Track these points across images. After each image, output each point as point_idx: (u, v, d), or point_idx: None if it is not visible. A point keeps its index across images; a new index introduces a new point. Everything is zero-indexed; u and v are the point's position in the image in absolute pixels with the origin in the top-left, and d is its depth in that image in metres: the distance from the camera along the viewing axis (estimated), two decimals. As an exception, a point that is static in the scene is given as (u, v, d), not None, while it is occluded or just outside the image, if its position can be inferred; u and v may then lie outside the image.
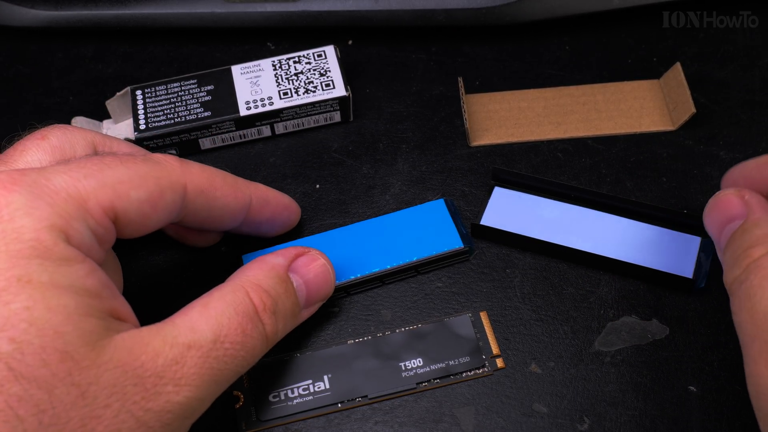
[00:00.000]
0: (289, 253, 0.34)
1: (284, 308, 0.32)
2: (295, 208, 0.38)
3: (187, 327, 0.29)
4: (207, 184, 0.32)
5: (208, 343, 0.28)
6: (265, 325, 0.31)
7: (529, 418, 0.33)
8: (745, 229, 0.31)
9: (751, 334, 0.28)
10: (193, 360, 0.28)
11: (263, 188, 0.36)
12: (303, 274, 0.33)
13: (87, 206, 0.28)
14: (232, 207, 0.34)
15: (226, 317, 0.29)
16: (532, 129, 0.42)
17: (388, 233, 0.38)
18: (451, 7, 0.44)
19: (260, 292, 0.31)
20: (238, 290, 0.30)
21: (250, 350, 0.30)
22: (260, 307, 0.31)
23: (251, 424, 0.33)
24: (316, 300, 0.34)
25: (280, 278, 0.32)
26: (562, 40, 0.47)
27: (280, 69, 0.42)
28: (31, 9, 0.46)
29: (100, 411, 0.26)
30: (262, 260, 0.33)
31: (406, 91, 0.45)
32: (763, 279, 0.29)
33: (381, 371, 0.34)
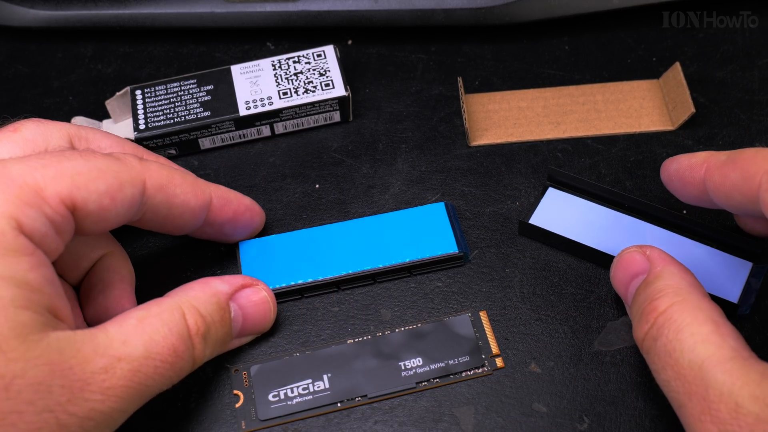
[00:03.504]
0: (235, 281, 0.34)
1: (216, 335, 0.32)
2: (257, 210, 0.38)
3: (120, 339, 0.29)
4: (166, 180, 0.32)
5: (139, 358, 0.29)
6: (195, 348, 0.31)
7: (528, 417, 0.33)
8: (648, 283, 0.31)
9: (684, 392, 0.28)
10: (123, 372, 0.28)
11: (224, 189, 0.36)
12: (243, 306, 0.34)
13: (43, 194, 0.28)
14: (192, 205, 0.34)
15: (160, 335, 0.30)
16: (531, 129, 0.42)
17: (385, 232, 0.38)
18: (451, 6, 0.44)
19: (196, 316, 0.31)
20: (175, 310, 0.31)
21: (178, 370, 0.30)
22: (193, 330, 0.31)
23: (251, 424, 0.33)
24: (250, 332, 0.35)
25: (219, 305, 0.32)
26: (562, 40, 0.47)
27: (280, 69, 0.42)
28: (31, 9, 0.46)
29: (23, 407, 0.25)
30: (207, 283, 0.33)
31: (405, 90, 0.45)
32: (677, 332, 0.28)
33: (380, 371, 0.34)
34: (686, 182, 0.34)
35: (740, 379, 0.26)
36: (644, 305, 0.30)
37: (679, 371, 0.28)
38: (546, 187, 0.39)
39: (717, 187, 0.32)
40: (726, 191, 0.31)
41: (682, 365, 0.28)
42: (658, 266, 0.32)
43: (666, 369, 0.29)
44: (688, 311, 0.29)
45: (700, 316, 0.29)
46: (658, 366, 0.29)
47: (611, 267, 0.34)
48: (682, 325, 0.29)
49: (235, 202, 0.36)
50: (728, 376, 0.27)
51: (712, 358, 0.27)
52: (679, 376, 0.28)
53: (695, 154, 0.34)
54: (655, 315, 0.30)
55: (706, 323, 0.28)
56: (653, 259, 0.32)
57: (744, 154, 0.31)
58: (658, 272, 0.31)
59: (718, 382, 0.26)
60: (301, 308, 0.36)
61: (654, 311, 0.30)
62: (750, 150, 0.31)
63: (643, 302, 0.31)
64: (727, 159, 0.31)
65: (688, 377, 0.27)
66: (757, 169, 0.30)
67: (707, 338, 0.28)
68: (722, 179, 0.31)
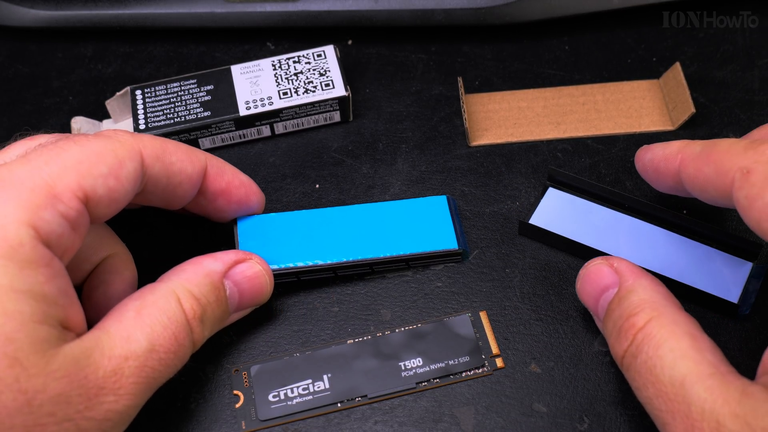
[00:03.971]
0: (228, 258, 0.34)
1: (212, 316, 0.32)
2: (254, 189, 0.37)
3: (122, 336, 0.29)
4: (161, 149, 0.32)
5: (144, 353, 0.29)
6: (194, 333, 0.31)
7: (528, 417, 0.33)
8: (621, 297, 0.31)
9: (667, 410, 0.27)
10: (131, 370, 0.28)
11: (220, 160, 0.36)
12: (238, 282, 0.34)
13: (55, 192, 0.28)
14: (189, 171, 0.33)
15: (160, 326, 0.30)
16: (531, 129, 0.42)
17: (386, 221, 0.38)
18: (451, 6, 0.44)
19: (191, 300, 0.31)
20: (170, 296, 0.31)
21: (181, 357, 0.31)
22: (190, 315, 0.31)
23: (251, 424, 0.33)
24: (248, 306, 0.35)
25: (213, 285, 0.32)
26: (562, 40, 0.47)
27: (280, 69, 0.42)
28: (31, 9, 0.46)
29: (45, 419, 0.26)
30: (199, 263, 0.33)
31: (405, 90, 0.45)
32: (656, 348, 0.28)
33: (380, 371, 0.34)
34: (661, 173, 0.34)
35: (721, 396, 0.26)
36: (621, 322, 0.30)
37: (660, 388, 0.28)
38: (546, 187, 0.39)
39: (691, 179, 0.31)
40: (700, 184, 0.31)
41: (663, 382, 0.28)
42: (628, 279, 0.31)
43: (647, 386, 0.28)
44: (666, 326, 0.29)
45: (678, 330, 0.28)
46: (639, 383, 0.29)
47: (577, 280, 0.34)
48: (660, 340, 0.28)
49: (230, 175, 0.36)
50: (709, 393, 0.26)
51: (692, 374, 0.27)
52: (660, 393, 0.28)
53: (669, 144, 0.33)
54: (634, 332, 0.29)
55: (684, 338, 0.28)
56: (622, 272, 0.32)
57: (718, 147, 0.30)
58: (630, 286, 0.31)
59: (699, 400, 0.26)
60: (302, 308, 0.36)
61: (632, 328, 0.29)
62: (724, 143, 0.30)
63: (618, 318, 0.30)
64: (701, 151, 0.31)
65: (669, 394, 0.27)
66: (730, 165, 0.29)
67: (686, 353, 0.28)
68: (696, 172, 0.31)
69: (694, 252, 0.36)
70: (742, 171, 0.29)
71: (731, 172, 0.29)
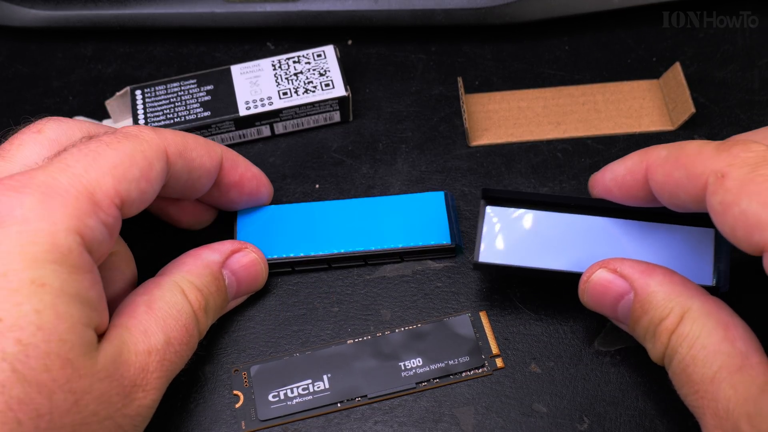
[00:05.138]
0: (225, 248, 0.35)
1: (214, 305, 0.34)
2: (264, 181, 0.38)
3: (141, 331, 0.30)
4: (182, 145, 0.33)
5: (162, 346, 0.30)
6: (200, 323, 0.32)
7: (528, 417, 0.33)
8: (642, 303, 0.30)
9: (700, 406, 0.28)
10: (154, 365, 0.30)
11: (233, 152, 0.36)
12: (235, 271, 0.35)
13: (96, 200, 0.28)
14: (208, 166, 0.34)
15: (172, 319, 0.31)
16: (531, 129, 0.42)
17: (382, 215, 0.38)
18: (451, 6, 0.44)
19: (195, 291, 0.32)
20: (175, 290, 0.32)
21: (192, 347, 0.32)
22: (196, 306, 0.32)
23: (251, 424, 0.33)
24: (245, 293, 0.36)
25: (213, 276, 0.34)
26: (562, 40, 0.47)
27: (280, 69, 0.42)
28: (31, 9, 0.46)
29: (90, 418, 0.27)
30: (198, 256, 0.34)
31: (405, 90, 0.45)
32: (690, 348, 0.28)
33: (380, 371, 0.34)
34: (627, 188, 0.32)
35: (743, 394, 0.26)
36: (653, 328, 0.30)
37: (693, 387, 0.28)
38: (483, 207, 0.35)
39: (660, 186, 0.30)
40: (670, 190, 0.30)
41: (695, 380, 0.28)
42: (640, 281, 0.30)
43: (683, 385, 0.29)
44: (697, 321, 0.28)
45: (709, 323, 0.28)
46: (677, 383, 0.29)
47: (582, 293, 0.32)
48: (693, 338, 0.28)
49: (243, 167, 0.36)
50: (734, 391, 0.26)
51: (722, 370, 0.27)
52: (693, 391, 0.28)
53: (627, 158, 0.32)
54: (668, 335, 0.29)
55: (716, 330, 0.28)
56: (629, 275, 0.31)
57: (687, 150, 0.29)
58: (646, 288, 0.30)
59: (725, 398, 0.26)
60: (301, 308, 0.36)
61: (665, 331, 0.29)
62: (692, 145, 0.29)
63: (650, 325, 0.30)
64: (668, 155, 0.30)
65: (701, 392, 0.27)
66: (702, 168, 0.28)
67: (718, 348, 0.27)
68: (665, 178, 0.30)
69: (655, 235, 0.34)
70: (716, 175, 0.27)
71: (704, 175, 0.28)
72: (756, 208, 0.26)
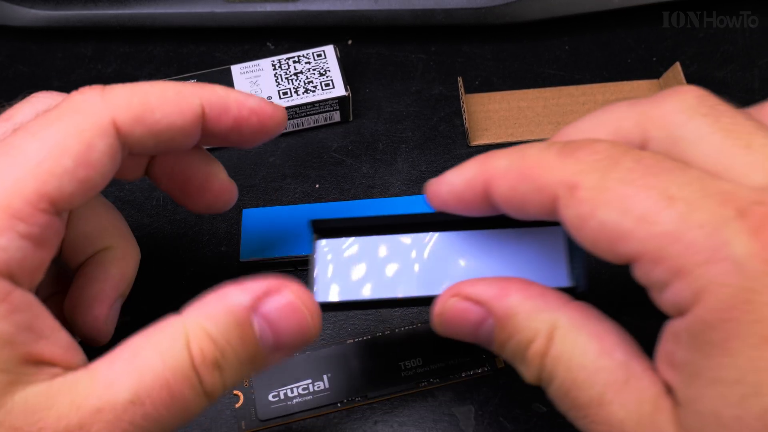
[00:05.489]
0: (257, 288, 0.27)
1: (236, 359, 0.26)
2: (268, 112, 0.31)
3: (105, 382, 0.25)
4: (140, 108, 0.28)
5: (122, 405, 0.24)
6: (204, 381, 0.25)
7: (528, 417, 0.33)
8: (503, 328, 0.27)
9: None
10: (101, 425, 0.24)
11: (222, 92, 0.31)
12: (270, 317, 0.27)
13: (12, 212, 0.24)
14: (179, 124, 0.29)
15: (152, 373, 0.25)
16: (531, 129, 0.42)
17: None
18: (451, 6, 0.44)
19: (204, 341, 0.25)
20: (177, 336, 0.25)
21: (180, 411, 0.25)
22: (198, 360, 0.25)
23: (251, 424, 0.33)
24: (290, 346, 0.28)
25: (237, 323, 0.26)
26: (562, 39, 0.47)
27: (280, 69, 0.42)
28: (31, 9, 0.46)
29: None
30: (222, 296, 0.27)
31: (405, 90, 0.45)
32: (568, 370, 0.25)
33: (380, 371, 0.34)
34: (467, 202, 0.28)
35: (635, 414, 0.24)
36: (521, 353, 0.26)
37: (581, 411, 0.25)
38: (314, 242, 0.31)
39: (505, 200, 0.27)
40: (516, 204, 0.26)
41: (582, 405, 0.25)
42: (496, 303, 0.27)
43: (570, 410, 0.26)
44: (568, 338, 0.25)
45: (581, 338, 0.25)
46: (562, 407, 0.26)
47: (439, 326, 0.29)
48: (569, 359, 0.25)
49: (236, 108, 0.31)
50: (626, 412, 0.24)
51: (607, 389, 0.25)
52: (583, 416, 0.25)
53: (464, 168, 0.28)
54: (539, 359, 0.26)
55: (591, 343, 0.25)
56: (484, 300, 0.27)
57: (528, 159, 0.26)
58: (504, 311, 0.27)
59: (618, 422, 0.24)
60: (301, 308, 0.36)
61: (536, 356, 0.26)
62: (532, 151, 0.26)
63: (517, 350, 0.27)
64: (510, 165, 0.27)
65: (590, 416, 0.25)
66: (549, 179, 0.25)
67: (597, 365, 0.25)
68: (510, 191, 0.26)
69: (501, 241, 0.31)
70: (566, 186, 0.24)
71: (551, 188, 0.25)
72: (615, 218, 0.23)
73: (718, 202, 0.23)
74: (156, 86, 0.29)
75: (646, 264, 0.23)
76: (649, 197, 0.23)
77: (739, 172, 0.24)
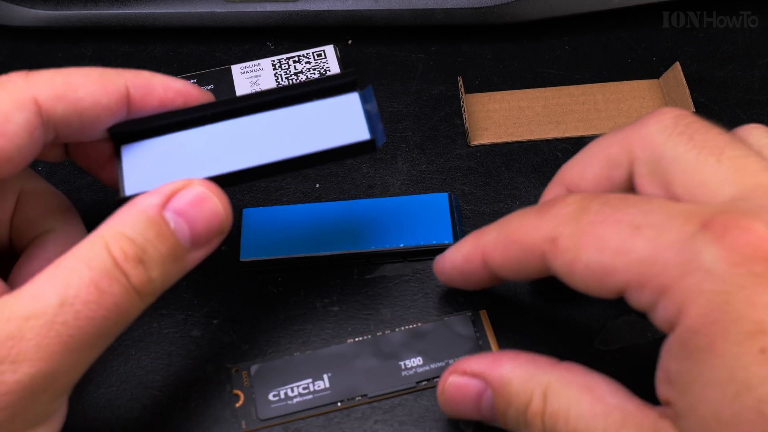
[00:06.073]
0: (165, 188, 0.29)
1: (158, 254, 0.28)
2: (195, 93, 0.33)
3: (30, 296, 0.26)
4: (63, 87, 0.29)
5: (52, 309, 0.26)
6: (130, 277, 0.27)
7: (528, 417, 0.33)
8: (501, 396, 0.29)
9: None
10: (33, 331, 0.25)
11: (147, 74, 0.32)
12: (181, 210, 0.29)
13: None
14: (104, 102, 0.30)
15: (77, 276, 0.26)
16: (531, 128, 0.42)
17: (386, 215, 0.38)
18: (451, 6, 0.44)
19: (122, 241, 0.27)
20: (95, 243, 0.27)
21: (113, 307, 0.27)
22: (120, 258, 0.27)
23: (251, 423, 0.33)
24: (207, 237, 0.30)
25: (149, 221, 0.28)
26: (562, 39, 0.47)
27: (280, 68, 0.42)
28: (31, 9, 0.46)
29: None
30: (132, 203, 0.29)
31: (405, 90, 0.45)
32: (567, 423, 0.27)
33: (381, 370, 0.34)
34: (469, 274, 0.32)
35: None
36: (522, 417, 0.28)
37: None
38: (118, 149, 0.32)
39: (502, 267, 0.30)
40: (512, 268, 0.30)
41: None
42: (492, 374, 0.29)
43: None
44: (561, 394, 0.27)
45: (573, 392, 0.27)
46: None
47: (442, 404, 0.31)
48: (566, 413, 0.27)
49: (161, 89, 0.32)
50: None
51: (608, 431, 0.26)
52: None
53: (461, 245, 0.32)
54: (540, 418, 0.28)
55: (583, 395, 0.27)
56: (480, 372, 0.29)
57: (512, 225, 0.29)
58: (500, 379, 0.29)
59: None
60: (302, 308, 0.36)
61: (536, 416, 0.28)
62: (515, 218, 0.30)
63: (517, 415, 0.28)
64: (498, 235, 0.30)
65: None
66: (533, 240, 0.28)
67: (593, 412, 0.26)
68: (503, 259, 0.30)
69: (299, 117, 0.32)
70: (548, 241, 0.27)
71: (537, 246, 0.28)
72: (595, 257, 0.26)
73: (682, 221, 0.25)
74: (81, 69, 0.30)
75: (634, 291, 0.26)
76: (619, 231, 0.26)
77: (711, 186, 0.26)
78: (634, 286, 0.25)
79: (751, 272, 0.23)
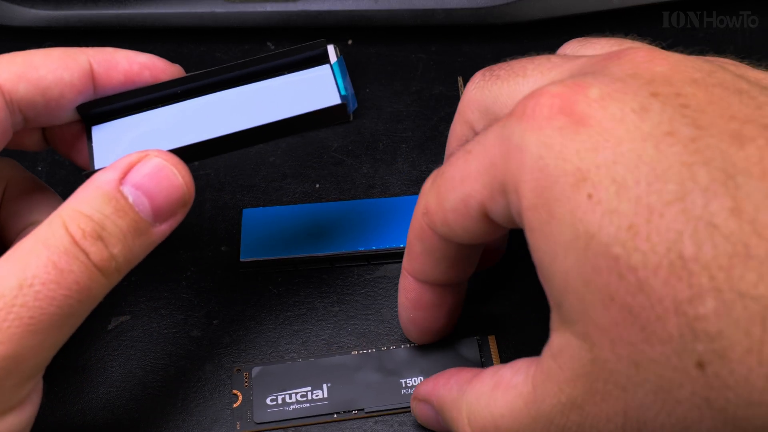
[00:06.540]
0: (121, 163, 0.28)
1: (117, 229, 0.28)
2: (161, 66, 0.33)
3: None
4: (23, 66, 0.30)
5: (11, 291, 0.25)
6: (89, 254, 0.27)
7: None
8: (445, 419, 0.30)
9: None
10: None
11: (110, 50, 0.32)
12: (139, 183, 0.28)
13: None
14: (67, 79, 0.30)
15: (35, 256, 0.26)
16: (531, 129, 0.42)
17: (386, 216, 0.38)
18: (451, 6, 0.44)
19: (80, 219, 0.27)
20: (53, 222, 0.27)
21: (74, 286, 0.26)
22: (78, 236, 0.27)
23: (245, 425, 0.33)
24: (169, 209, 0.29)
25: (106, 196, 0.28)
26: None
27: (280, 69, 0.42)
28: (31, 9, 0.46)
29: None
30: (90, 180, 0.28)
31: (405, 90, 0.45)
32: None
33: (381, 386, 0.34)
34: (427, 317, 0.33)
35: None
36: None
37: None
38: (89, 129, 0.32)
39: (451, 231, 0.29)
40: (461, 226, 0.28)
41: None
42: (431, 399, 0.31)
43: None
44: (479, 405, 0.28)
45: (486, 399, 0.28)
46: None
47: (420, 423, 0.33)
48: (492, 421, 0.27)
49: (125, 63, 0.32)
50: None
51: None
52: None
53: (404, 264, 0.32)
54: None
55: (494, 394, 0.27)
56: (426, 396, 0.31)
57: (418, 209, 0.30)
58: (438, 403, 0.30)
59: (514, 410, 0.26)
60: (302, 308, 0.37)
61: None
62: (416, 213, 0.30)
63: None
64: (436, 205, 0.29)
65: None
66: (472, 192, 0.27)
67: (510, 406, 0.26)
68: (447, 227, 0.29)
69: (274, 92, 0.33)
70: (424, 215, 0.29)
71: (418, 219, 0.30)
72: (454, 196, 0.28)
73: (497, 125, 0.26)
74: (42, 49, 0.31)
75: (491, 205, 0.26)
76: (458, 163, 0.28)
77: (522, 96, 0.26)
78: (487, 198, 0.26)
79: (553, 129, 0.23)
